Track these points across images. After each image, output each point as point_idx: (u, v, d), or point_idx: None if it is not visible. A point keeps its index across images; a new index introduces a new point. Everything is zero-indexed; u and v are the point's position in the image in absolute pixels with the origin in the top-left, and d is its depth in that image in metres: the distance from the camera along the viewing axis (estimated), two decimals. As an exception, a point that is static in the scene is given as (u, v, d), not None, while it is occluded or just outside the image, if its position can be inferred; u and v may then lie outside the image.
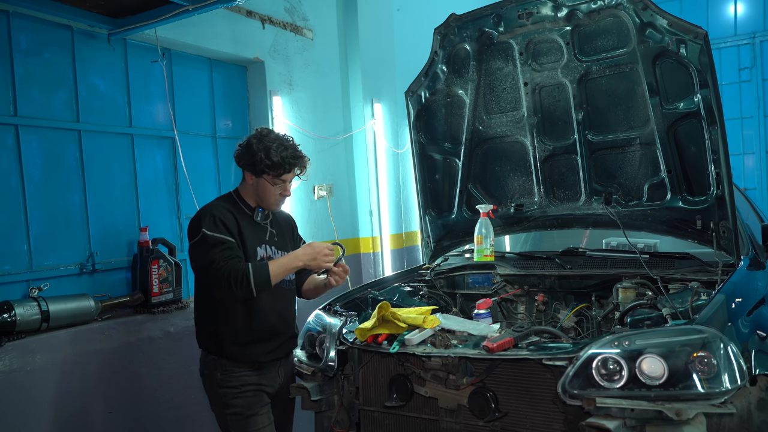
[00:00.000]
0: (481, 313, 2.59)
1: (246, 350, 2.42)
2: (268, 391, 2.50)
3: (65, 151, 3.27)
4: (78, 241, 3.30)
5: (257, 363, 2.45)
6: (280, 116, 4.40)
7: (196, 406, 3.50)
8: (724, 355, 1.81)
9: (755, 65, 7.32)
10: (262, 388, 2.47)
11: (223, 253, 2.28)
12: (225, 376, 2.42)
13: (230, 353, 2.41)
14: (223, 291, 2.27)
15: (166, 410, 3.42)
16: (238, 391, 2.42)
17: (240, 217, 2.43)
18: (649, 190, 2.80)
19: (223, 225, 2.33)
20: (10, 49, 3.03)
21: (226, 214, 2.38)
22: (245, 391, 2.43)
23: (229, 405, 2.42)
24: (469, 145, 3.18)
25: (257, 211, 2.48)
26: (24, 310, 2.82)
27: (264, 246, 2.48)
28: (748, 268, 2.53)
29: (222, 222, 2.34)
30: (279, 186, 2.44)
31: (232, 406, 2.42)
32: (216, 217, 2.34)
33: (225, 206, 2.43)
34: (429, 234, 3.38)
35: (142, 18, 3.26)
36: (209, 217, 2.34)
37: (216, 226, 2.32)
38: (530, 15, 2.79)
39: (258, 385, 2.46)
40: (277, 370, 2.54)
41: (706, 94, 2.43)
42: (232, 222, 2.38)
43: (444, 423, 2.22)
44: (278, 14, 4.48)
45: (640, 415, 1.78)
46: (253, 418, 2.42)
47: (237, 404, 2.41)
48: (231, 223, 2.37)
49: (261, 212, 2.49)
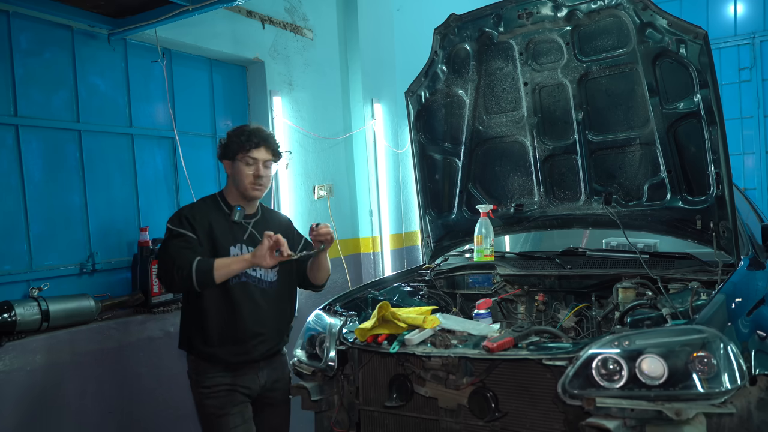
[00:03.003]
0: (481, 313, 2.59)
1: (215, 351, 2.42)
2: (245, 393, 2.47)
3: (65, 151, 3.27)
4: (78, 241, 3.30)
5: (231, 364, 2.44)
6: (280, 116, 4.41)
7: (196, 406, 3.50)
8: (724, 355, 1.81)
9: (755, 65, 7.33)
10: (236, 388, 2.45)
11: (178, 244, 2.33)
12: (199, 377, 2.44)
13: (202, 353, 2.43)
14: (165, 279, 2.35)
15: (165, 410, 3.42)
16: (210, 391, 2.42)
17: (216, 215, 2.46)
18: (649, 190, 2.80)
19: (187, 222, 2.38)
20: (10, 49, 3.03)
21: (198, 212, 2.43)
22: (217, 391, 2.42)
23: (202, 405, 2.45)
24: (469, 145, 3.18)
25: (235, 210, 2.47)
26: (24, 310, 2.82)
27: (240, 246, 2.46)
28: (748, 268, 2.53)
29: (188, 219, 2.38)
30: (252, 166, 2.44)
31: (205, 406, 2.44)
32: (183, 215, 2.40)
33: (202, 205, 2.49)
34: (429, 234, 3.38)
35: (142, 18, 3.26)
36: (177, 215, 2.42)
37: (180, 222, 2.38)
38: (530, 15, 2.79)
39: (231, 386, 2.44)
40: (256, 372, 2.49)
41: (706, 94, 2.43)
42: (202, 220, 2.41)
43: (444, 423, 2.23)
44: (278, 14, 4.48)
45: (640, 415, 1.78)
46: (225, 418, 2.41)
47: (209, 404, 2.43)
48: (200, 221, 2.40)
49: (239, 211, 2.48)
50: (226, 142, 2.49)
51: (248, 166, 2.44)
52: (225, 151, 2.49)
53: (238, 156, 2.44)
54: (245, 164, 2.44)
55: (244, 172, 2.44)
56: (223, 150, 2.50)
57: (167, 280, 2.35)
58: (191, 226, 2.38)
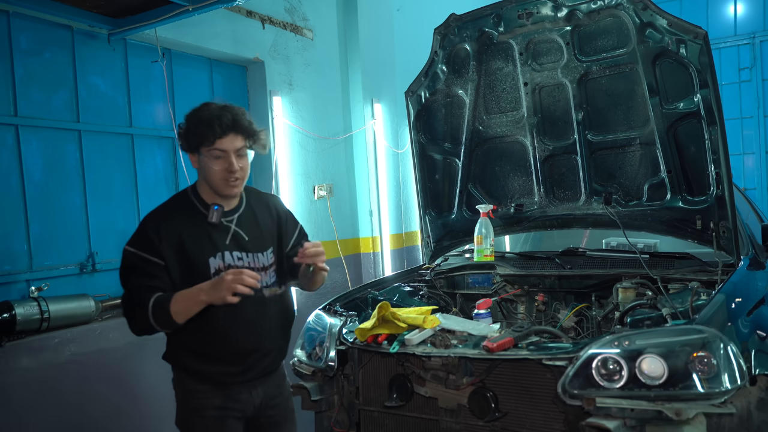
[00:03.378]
0: (481, 313, 2.59)
1: (205, 368, 2.00)
2: (236, 416, 2.04)
3: (65, 151, 3.27)
4: (78, 241, 3.30)
5: (221, 383, 2.01)
6: (280, 116, 4.41)
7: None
8: (724, 355, 1.81)
9: (755, 65, 7.33)
10: (227, 413, 2.02)
11: (137, 281, 1.90)
12: (186, 395, 2.04)
13: (191, 369, 2.01)
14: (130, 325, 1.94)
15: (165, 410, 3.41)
16: (198, 414, 2.01)
17: (187, 222, 1.98)
18: (649, 190, 2.80)
19: (150, 244, 1.91)
20: (10, 49, 3.03)
21: (165, 223, 1.95)
22: (205, 416, 2.00)
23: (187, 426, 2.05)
24: (469, 145, 3.18)
25: (211, 209, 1.97)
26: (24, 310, 2.82)
27: (221, 255, 1.97)
28: (748, 268, 2.53)
29: (150, 241, 1.91)
30: (220, 159, 1.92)
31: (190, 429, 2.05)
32: (146, 234, 1.93)
33: (171, 210, 2.02)
34: (429, 234, 3.38)
35: (142, 18, 3.26)
36: (140, 229, 1.97)
37: (142, 244, 1.92)
38: (530, 15, 2.79)
39: (222, 409, 2.01)
40: (249, 391, 2.05)
41: (706, 94, 2.43)
42: (171, 235, 1.93)
43: (444, 423, 2.23)
44: (278, 14, 4.48)
45: (640, 415, 1.78)
46: None
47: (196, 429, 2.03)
48: (168, 238, 1.92)
49: (217, 210, 1.97)
50: (184, 132, 1.96)
51: (217, 160, 1.92)
52: (186, 143, 1.97)
53: (202, 149, 1.93)
54: (213, 158, 1.92)
55: (213, 168, 1.93)
56: (183, 141, 1.98)
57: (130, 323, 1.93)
58: (154, 248, 1.91)
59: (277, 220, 2.15)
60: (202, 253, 1.95)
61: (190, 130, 1.94)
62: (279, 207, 2.21)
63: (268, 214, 2.14)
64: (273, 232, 2.13)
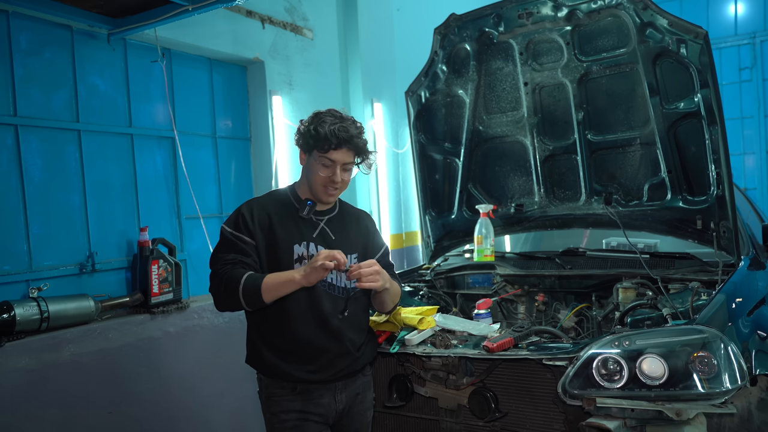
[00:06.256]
0: (481, 313, 2.59)
1: (284, 366, 2.05)
2: (318, 420, 2.07)
3: (65, 151, 3.27)
4: (78, 241, 3.30)
5: (300, 385, 2.06)
6: (279, 116, 4.40)
7: (196, 407, 3.49)
8: (725, 355, 1.81)
9: (755, 65, 7.33)
10: (308, 417, 2.05)
11: (228, 256, 2.03)
12: (268, 400, 2.10)
13: (269, 368, 2.08)
14: (216, 299, 2.04)
15: (165, 410, 3.41)
16: (277, 419, 2.06)
17: (281, 211, 2.12)
18: (649, 190, 2.80)
19: (243, 223, 2.06)
20: (10, 49, 3.02)
21: (260, 208, 2.11)
22: (284, 419, 2.05)
23: None
24: (469, 145, 3.18)
25: (304, 204, 2.12)
26: (24, 310, 2.81)
27: (306, 244, 2.10)
28: (748, 268, 2.53)
29: (244, 219, 2.06)
30: (328, 168, 2.06)
31: None
32: (241, 213, 2.09)
33: (268, 199, 2.17)
34: (429, 234, 3.38)
35: (142, 18, 3.26)
36: (236, 212, 2.11)
37: (237, 223, 2.07)
38: (530, 15, 2.79)
39: (303, 413, 2.05)
40: (333, 395, 2.08)
41: (707, 93, 2.43)
42: (262, 217, 2.08)
43: (444, 423, 2.23)
44: (278, 14, 4.48)
45: (641, 415, 1.78)
46: None
47: None
48: (260, 219, 2.07)
49: (309, 205, 2.12)
50: (304, 131, 2.10)
51: (324, 168, 2.07)
52: (302, 141, 2.12)
53: (315, 152, 2.07)
54: (321, 164, 2.07)
55: (318, 173, 2.07)
56: (298, 137, 2.13)
57: (220, 304, 2.05)
58: (247, 228, 2.05)
59: (365, 234, 2.26)
60: (289, 238, 2.08)
61: (309, 131, 2.07)
62: (369, 223, 2.34)
63: (357, 225, 2.27)
64: (359, 242, 2.23)
